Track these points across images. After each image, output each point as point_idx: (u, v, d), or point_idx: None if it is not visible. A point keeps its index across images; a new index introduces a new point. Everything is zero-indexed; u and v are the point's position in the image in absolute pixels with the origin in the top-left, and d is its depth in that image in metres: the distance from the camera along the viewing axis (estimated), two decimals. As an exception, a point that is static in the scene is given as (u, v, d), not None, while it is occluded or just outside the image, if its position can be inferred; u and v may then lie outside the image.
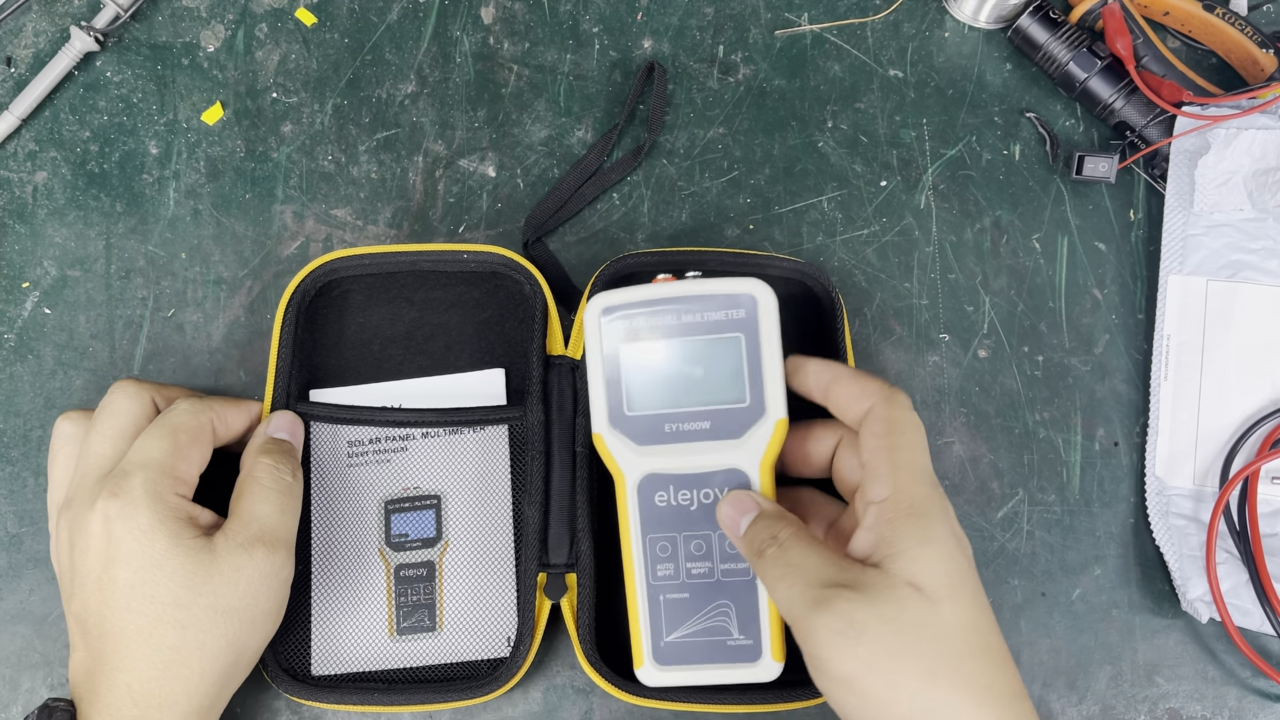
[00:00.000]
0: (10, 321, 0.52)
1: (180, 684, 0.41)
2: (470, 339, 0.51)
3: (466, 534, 0.48)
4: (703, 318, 0.42)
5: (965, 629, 0.37)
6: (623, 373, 0.43)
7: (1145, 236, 0.54)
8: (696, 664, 0.43)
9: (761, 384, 0.42)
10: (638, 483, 0.43)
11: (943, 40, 0.56)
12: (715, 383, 0.42)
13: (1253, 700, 0.50)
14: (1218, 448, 0.51)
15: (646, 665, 0.43)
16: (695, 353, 0.42)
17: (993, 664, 0.37)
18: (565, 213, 0.53)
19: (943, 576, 0.37)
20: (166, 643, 0.40)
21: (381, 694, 0.45)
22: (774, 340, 0.42)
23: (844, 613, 0.36)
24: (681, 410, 0.42)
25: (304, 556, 0.48)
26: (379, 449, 0.49)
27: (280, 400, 0.48)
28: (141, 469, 0.42)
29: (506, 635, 0.48)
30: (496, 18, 0.55)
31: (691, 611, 0.43)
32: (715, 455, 0.42)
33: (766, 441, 0.42)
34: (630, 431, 0.43)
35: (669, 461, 0.43)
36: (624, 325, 0.43)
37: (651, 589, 0.43)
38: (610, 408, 0.43)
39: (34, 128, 0.54)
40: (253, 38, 0.55)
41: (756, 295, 0.42)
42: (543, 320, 0.48)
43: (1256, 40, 0.53)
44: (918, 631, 0.36)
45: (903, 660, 0.35)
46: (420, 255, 0.49)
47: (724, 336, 0.42)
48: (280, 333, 0.48)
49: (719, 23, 0.56)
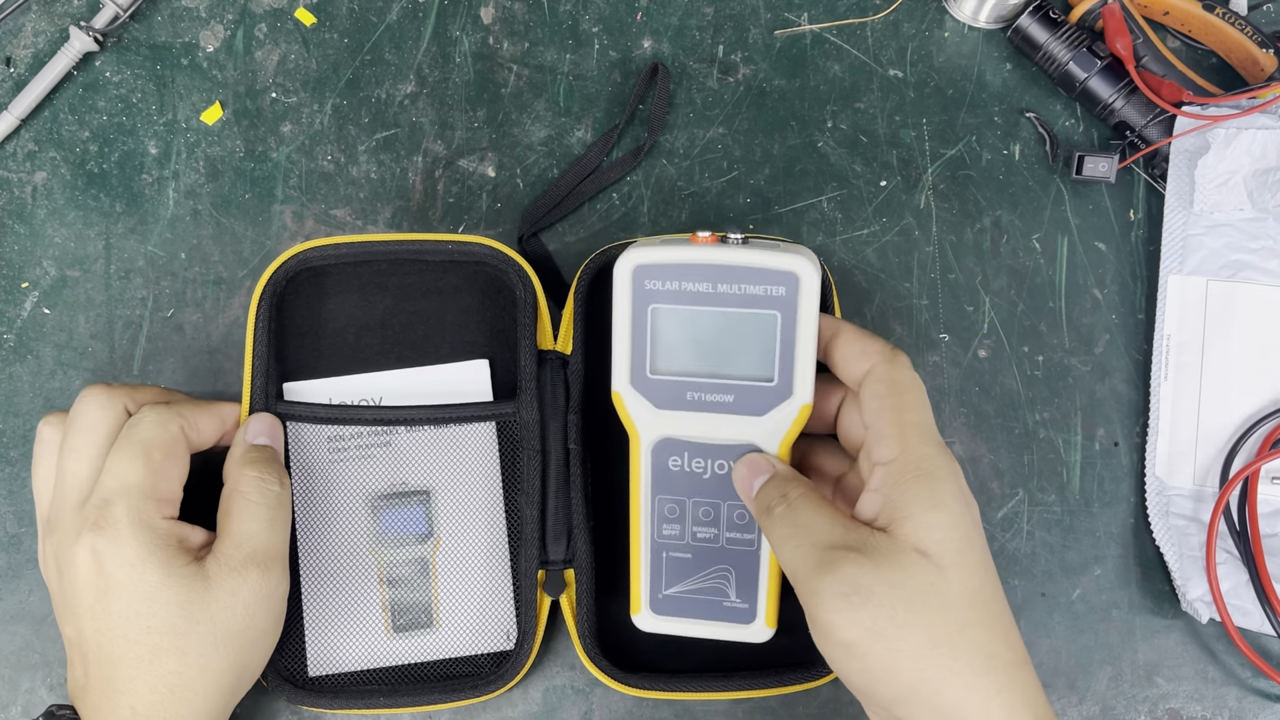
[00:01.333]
0: (10, 321, 0.52)
1: (186, 706, 0.40)
2: (450, 327, 0.49)
3: (458, 529, 0.48)
4: (741, 290, 0.40)
5: (970, 597, 0.36)
6: (650, 333, 0.41)
7: (1145, 236, 0.54)
8: (692, 618, 0.44)
9: (792, 366, 0.41)
10: (653, 445, 0.43)
11: (942, 40, 0.56)
12: (745, 357, 0.41)
13: (1253, 700, 0.50)
14: (1218, 448, 0.51)
15: (644, 612, 0.44)
16: (728, 325, 0.41)
17: (997, 632, 0.37)
18: (563, 209, 0.53)
19: (950, 543, 0.36)
20: (169, 668, 0.40)
21: (384, 695, 0.45)
22: (811, 322, 0.40)
23: (849, 576, 0.36)
24: (706, 380, 0.42)
25: (291, 557, 0.47)
26: (362, 444, 0.48)
27: (259, 400, 0.47)
28: (123, 497, 0.40)
29: (505, 629, 0.48)
30: (496, 18, 0.55)
31: (692, 571, 0.44)
32: (735, 429, 0.42)
33: (789, 424, 0.41)
34: (650, 393, 0.42)
35: (687, 428, 0.42)
36: (657, 286, 0.41)
37: (656, 545, 0.44)
38: (633, 367, 0.42)
39: (33, 128, 0.54)
40: (252, 38, 0.55)
41: (800, 275, 0.40)
42: (533, 314, 0.48)
43: (1256, 40, 0.53)
44: (923, 599, 0.35)
45: (907, 628, 0.35)
46: (401, 245, 0.48)
47: (760, 313, 0.41)
48: (254, 328, 0.47)
49: (719, 23, 0.56)
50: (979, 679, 0.35)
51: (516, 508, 0.48)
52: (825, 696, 0.49)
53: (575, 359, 0.48)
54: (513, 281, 0.48)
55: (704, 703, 0.49)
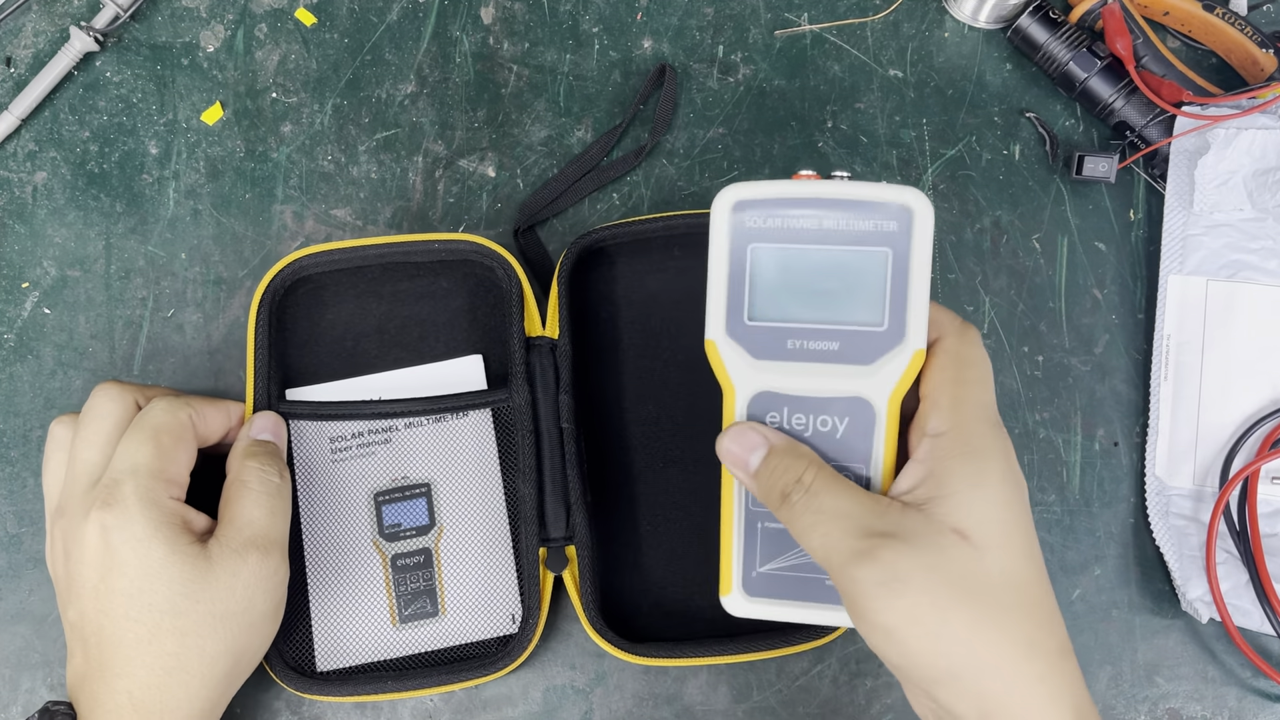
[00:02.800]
0: (10, 321, 0.52)
1: (182, 690, 0.41)
2: (443, 328, 0.51)
3: (461, 518, 0.49)
4: (848, 225, 0.37)
5: (1012, 581, 0.35)
6: (749, 276, 0.38)
7: (1145, 236, 0.54)
8: (787, 599, 0.40)
9: (905, 308, 0.37)
10: (749, 399, 0.39)
11: (942, 40, 0.56)
12: (852, 300, 0.38)
13: (1253, 700, 0.50)
14: (1218, 448, 0.51)
15: (735, 594, 0.40)
16: (834, 263, 0.38)
17: (1039, 618, 0.36)
18: (560, 204, 0.53)
19: (992, 524, 0.35)
20: (167, 649, 0.40)
21: (393, 680, 0.46)
22: (925, 261, 0.37)
23: (888, 564, 0.34)
24: (809, 326, 0.38)
25: (297, 555, 0.48)
26: (363, 442, 0.49)
27: (261, 401, 0.48)
28: (131, 476, 0.42)
29: (510, 613, 0.48)
30: (496, 18, 0.55)
31: (790, 544, 0.39)
32: (841, 380, 0.38)
33: (901, 372, 0.38)
34: (748, 342, 0.38)
35: (788, 381, 0.38)
36: (757, 223, 0.38)
37: (750, 515, 0.40)
38: (729, 313, 0.38)
39: (34, 128, 0.54)
40: (252, 38, 0.55)
41: (914, 207, 0.37)
42: (519, 302, 0.49)
43: (1256, 40, 0.53)
44: (962, 583, 0.34)
45: (947, 613, 0.34)
46: (390, 247, 0.49)
47: (870, 250, 0.37)
48: (255, 333, 0.49)
49: (719, 23, 0.56)
50: (1019, 666, 0.35)
51: (516, 492, 0.49)
52: (825, 696, 0.49)
53: (563, 341, 0.49)
54: (498, 275, 0.49)
55: (704, 702, 0.49)
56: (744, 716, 0.49)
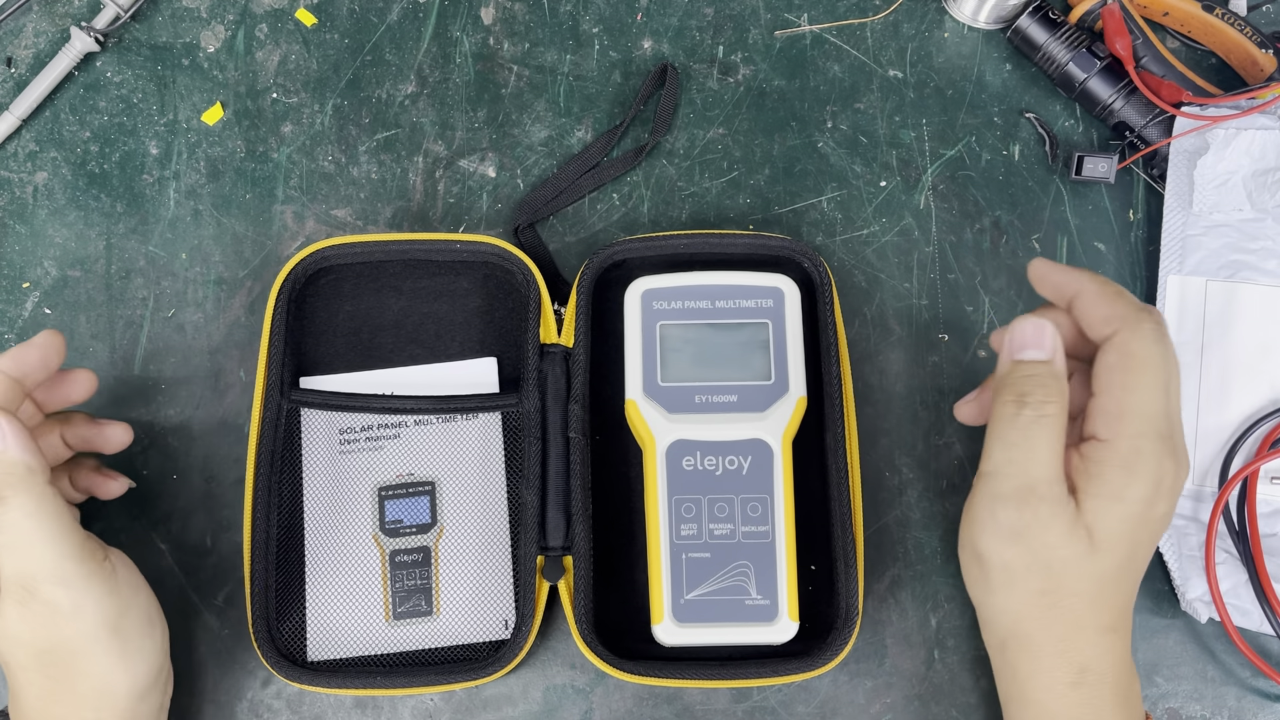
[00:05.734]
0: (10, 321, 0.52)
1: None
2: (459, 327, 0.51)
3: (462, 519, 0.49)
4: (735, 304, 0.48)
5: (1106, 577, 0.39)
6: (659, 348, 0.48)
7: (1144, 236, 0.54)
8: (714, 622, 0.45)
9: (786, 365, 0.47)
10: (667, 447, 0.46)
11: (942, 41, 0.56)
12: (744, 362, 0.48)
13: (1252, 700, 0.50)
14: (1217, 448, 0.51)
15: (666, 622, 0.45)
16: (727, 335, 0.48)
17: (1110, 607, 0.40)
18: (560, 202, 0.53)
19: (1116, 535, 0.38)
20: None
21: (383, 677, 0.46)
22: (797, 328, 0.48)
23: (1024, 521, 0.38)
24: (711, 384, 0.47)
25: (298, 543, 0.48)
26: (371, 436, 0.49)
27: (274, 387, 0.48)
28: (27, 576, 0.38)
29: (504, 618, 0.48)
30: (496, 18, 0.56)
31: (712, 570, 0.45)
32: (740, 426, 0.46)
33: (789, 417, 0.47)
34: (662, 400, 0.47)
35: (697, 429, 0.46)
36: (663, 306, 0.48)
37: (675, 548, 0.45)
38: (645, 377, 0.47)
39: (34, 128, 0.54)
40: (253, 38, 0.55)
41: (784, 289, 0.49)
42: (536, 309, 0.49)
43: (1256, 40, 0.53)
44: (1063, 566, 0.38)
45: (1030, 577, 0.39)
46: (413, 244, 0.50)
47: (754, 322, 0.48)
48: (272, 318, 0.49)
49: (719, 23, 0.56)
50: (1077, 633, 0.39)
51: (519, 498, 0.49)
52: (825, 695, 0.49)
53: (578, 352, 0.49)
54: (518, 279, 0.50)
55: (704, 701, 0.49)
56: (744, 716, 0.49)
